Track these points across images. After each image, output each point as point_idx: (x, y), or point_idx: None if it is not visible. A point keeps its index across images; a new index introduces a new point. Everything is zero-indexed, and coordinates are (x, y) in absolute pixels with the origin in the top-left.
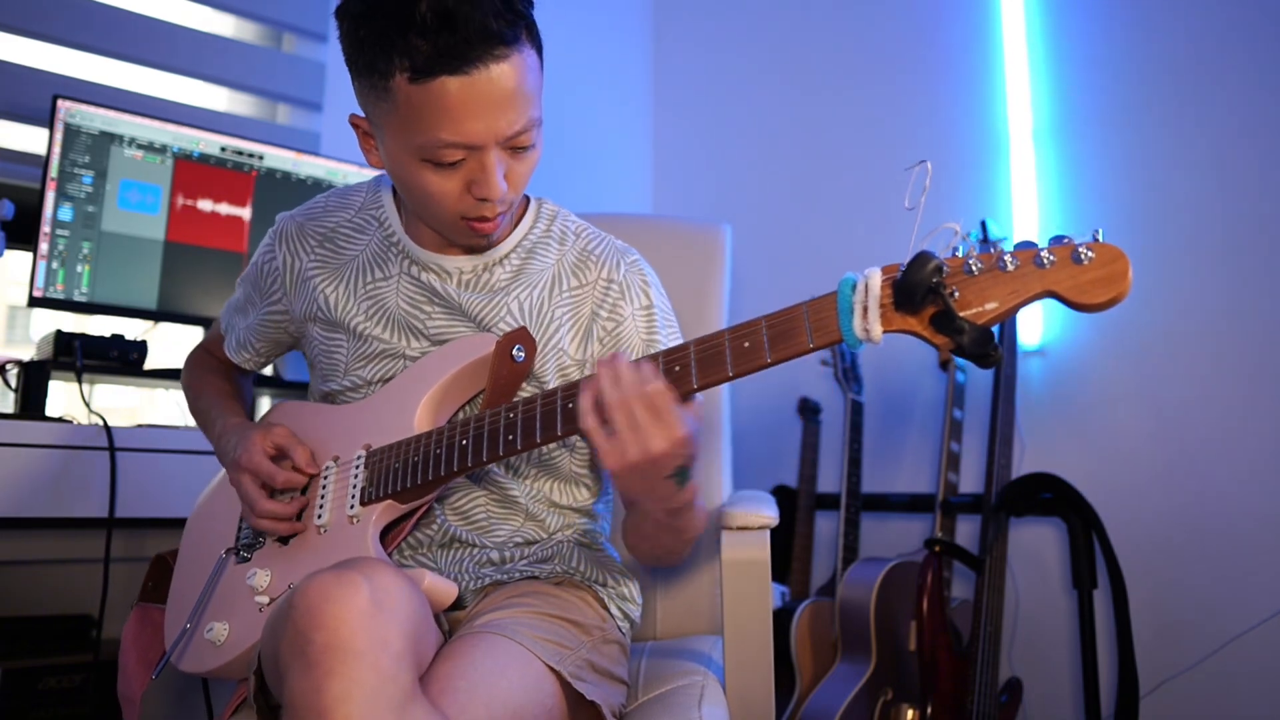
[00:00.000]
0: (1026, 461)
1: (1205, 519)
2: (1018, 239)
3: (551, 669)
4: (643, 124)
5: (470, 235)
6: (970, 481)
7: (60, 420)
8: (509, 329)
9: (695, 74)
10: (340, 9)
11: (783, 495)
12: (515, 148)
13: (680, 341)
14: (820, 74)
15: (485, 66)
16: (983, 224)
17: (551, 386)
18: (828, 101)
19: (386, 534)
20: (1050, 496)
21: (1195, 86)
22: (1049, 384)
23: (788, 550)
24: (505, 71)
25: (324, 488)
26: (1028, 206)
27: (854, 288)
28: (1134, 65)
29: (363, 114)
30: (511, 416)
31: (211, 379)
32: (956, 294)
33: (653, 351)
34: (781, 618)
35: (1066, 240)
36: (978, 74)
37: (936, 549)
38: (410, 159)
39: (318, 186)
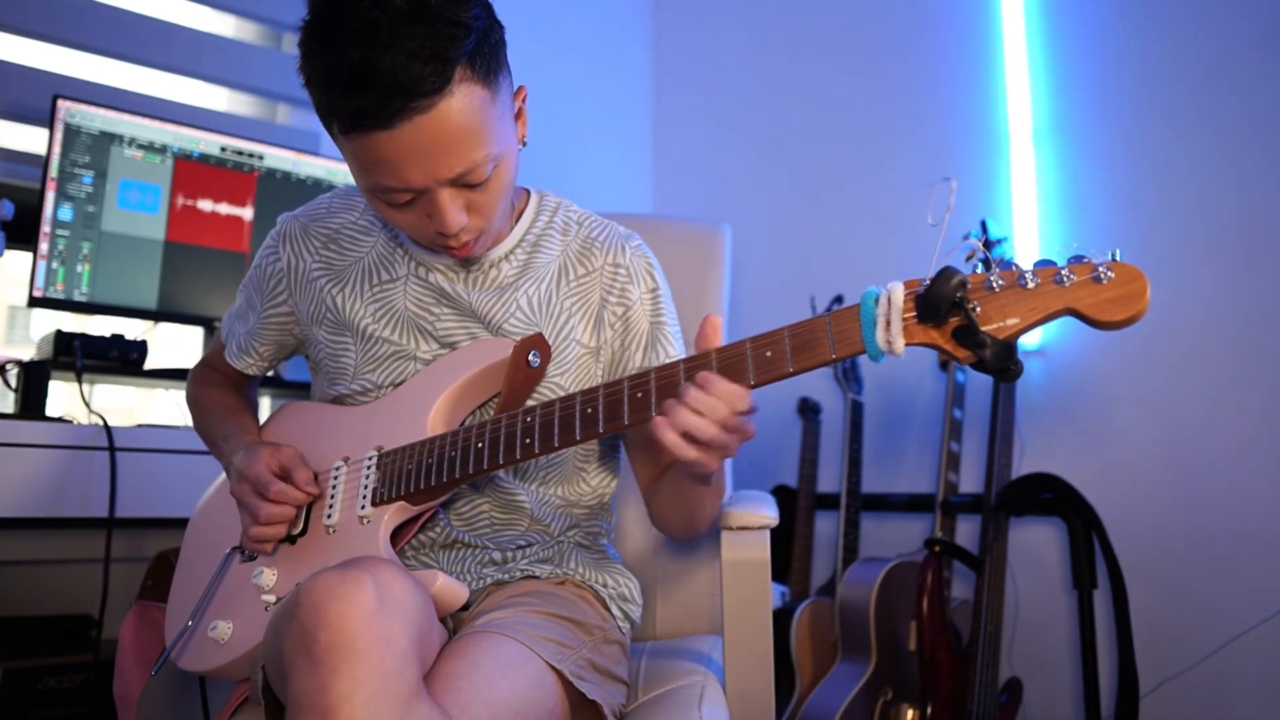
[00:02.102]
0: (1026, 461)
1: (1205, 519)
2: (1018, 239)
3: (553, 668)
4: (643, 124)
5: (450, 255)
6: (970, 481)
7: (60, 420)
8: (519, 327)
9: (695, 74)
10: (299, 40)
11: (783, 495)
12: (468, 184)
13: (676, 325)
14: (820, 74)
15: (409, 120)
16: (983, 224)
17: (564, 377)
18: (828, 102)
19: (395, 536)
20: (1050, 496)
21: (1195, 86)
22: (1049, 384)
23: (788, 550)
24: (433, 120)
25: (334, 488)
26: (1028, 206)
27: (877, 300)
28: (1134, 65)
29: None
30: (529, 420)
31: (218, 394)
32: (978, 309)
33: (659, 334)
34: (781, 618)
35: (1086, 259)
36: (978, 74)
37: (936, 549)
38: (370, 196)
39: (318, 186)
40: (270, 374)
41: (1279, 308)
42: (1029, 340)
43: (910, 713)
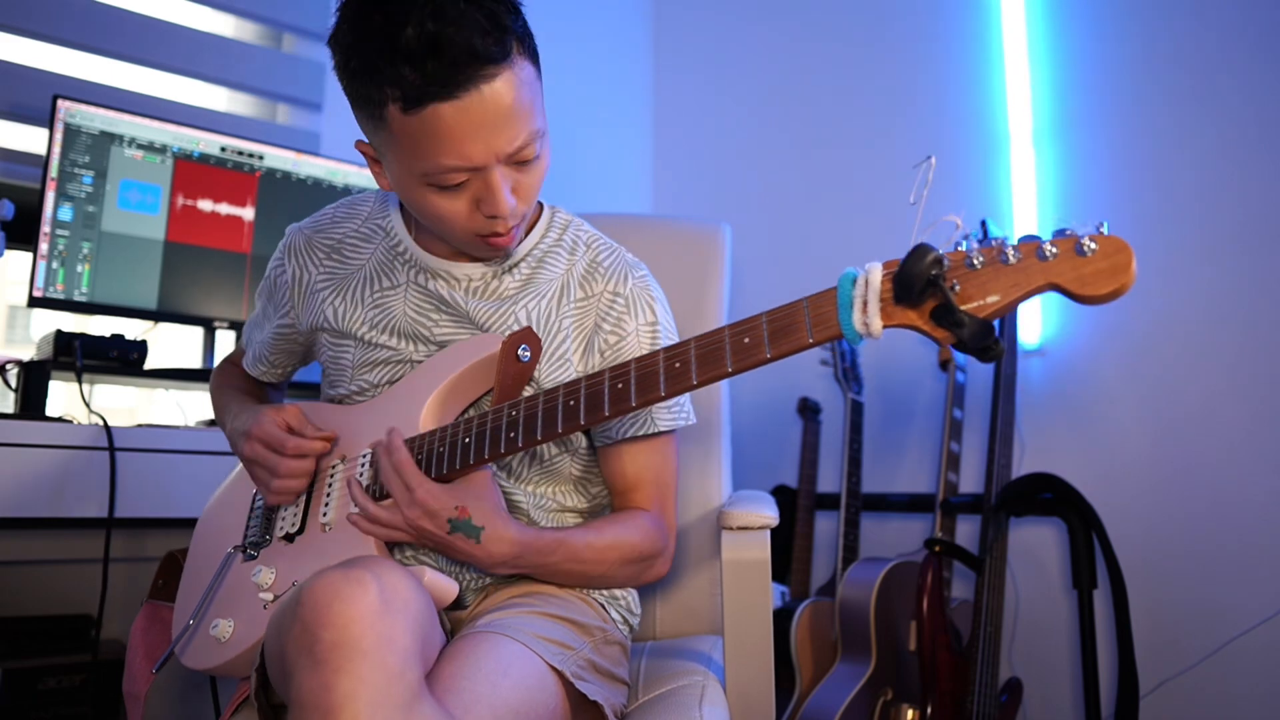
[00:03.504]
0: (1026, 461)
1: (1205, 519)
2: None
3: (554, 669)
4: (643, 124)
5: (486, 250)
6: (970, 481)
7: (60, 420)
8: None
9: (695, 74)
10: (332, 38)
11: (783, 495)
12: (519, 162)
13: None
14: (820, 74)
15: (476, 88)
16: (983, 224)
17: None
18: (828, 102)
19: None
20: (1050, 496)
21: (1195, 86)
22: (1049, 384)
23: (788, 550)
24: (498, 90)
25: (330, 486)
26: (1027, 206)
27: (854, 282)
28: (1134, 65)
29: (366, 140)
30: (514, 414)
31: (233, 383)
32: (958, 287)
33: None
34: (781, 618)
35: (1069, 232)
36: (978, 74)
37: (936, 549)
38: (416, 183)
39: (318, 186)
40: None
41: (1278, 307)
42: (1029, 339)
43: (910, 713)
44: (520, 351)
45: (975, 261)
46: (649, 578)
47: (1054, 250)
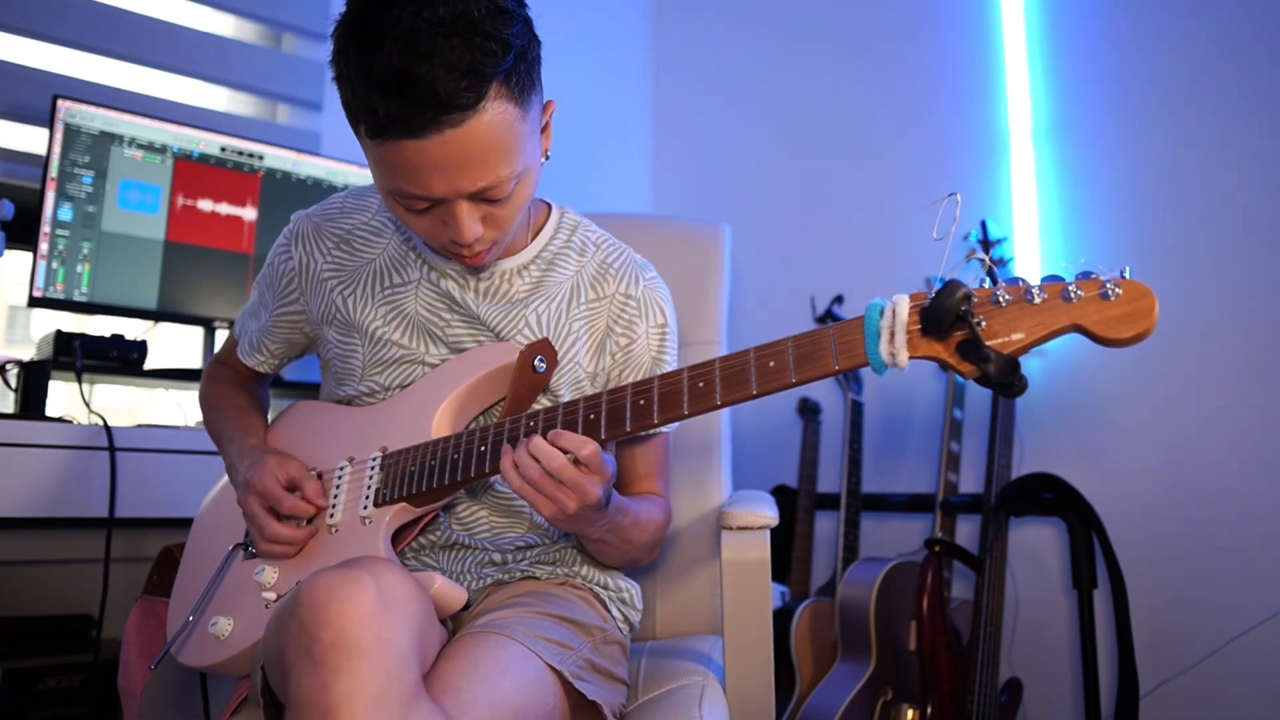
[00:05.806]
0: (1026, 461)
1: (1205, 518)
2: (1018, 239)
3: (553, 669)
4: (643, 124)
5: (461, 262)
6: (970, 481)
7: (60, 420)
8: (527, 339)
9: (695, 74)
10: (334, 30)
11: (783, 495)
12: (489, 199)
13: (676, 363)
14: (820, 74)
15: (439, 132)
16: (983, 224)
17: (564, 397)
18: (828, 102)
19: (397, 537)
20: (1050, 496)
21: (1195, 87)
22: (1049, 384)
23: (788, 550)
24: (464, 134)
25: (337, 488)
26: (1027, 207)
27: (881, 313)
28: (1133, 66)
29: None
30: (532, 425)
31: (228, 393)
32: (983, 323)
33: (658, 370)
34: (781, 618)
35: (1094, 275)
36: (978, 75)
37: (936, 549)
38: (387, 196)
39: (318, 186)
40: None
41: (1277, 305)
42: None
43: (910, 713)
44: (536, 362)
45: (1001, 299)
46: (654, 556)
47: (1079, 293)
